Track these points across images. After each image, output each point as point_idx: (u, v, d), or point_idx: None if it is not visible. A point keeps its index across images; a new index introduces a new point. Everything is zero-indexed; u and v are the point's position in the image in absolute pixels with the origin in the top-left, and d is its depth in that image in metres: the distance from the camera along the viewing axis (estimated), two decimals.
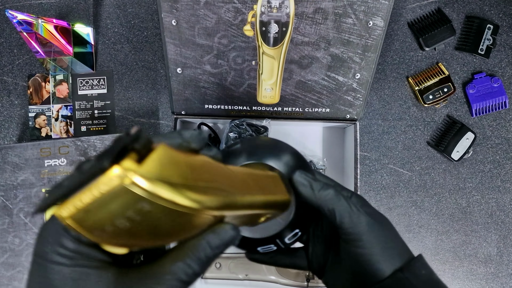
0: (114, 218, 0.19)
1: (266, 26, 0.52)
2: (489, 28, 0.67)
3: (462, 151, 0.66)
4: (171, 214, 0.20)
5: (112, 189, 0.18)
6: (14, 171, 0.60)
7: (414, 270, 0.31)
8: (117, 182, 0.18)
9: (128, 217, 0.19)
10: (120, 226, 0.20)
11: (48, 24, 0.62)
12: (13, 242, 0.60)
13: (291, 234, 0.34)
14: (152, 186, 0.18)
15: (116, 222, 0.20)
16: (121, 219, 0.19)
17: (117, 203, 0.19)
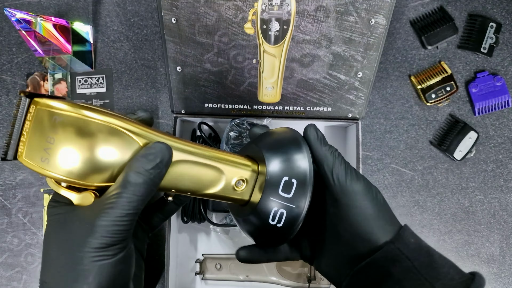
0: (45, 139, 0.27)
1: (267, 24, 0.52)
2: (492, 27, 0.66)
3: (465, 150, 0.66)
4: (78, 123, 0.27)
5: (37, 115, 0.27)
6: (13, 170, 0.59)
7: (404, 240, 0.31)
8: (35, 108, 0.27)
9: (51, 131, 0.27)
10: (53, 145, 0.27)
11: (47, 23, 0.62)
12: (12, 242, 0.59)
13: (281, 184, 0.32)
14: (55, 103, 0.27)
15: (48, 142, 0.27)
16: (49, 134, 0.27)
17: (42, 124, 0.27)
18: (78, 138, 0.27)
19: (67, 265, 0.27)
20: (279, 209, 0.32)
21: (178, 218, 0.64)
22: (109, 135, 0.27)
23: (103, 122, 0.27)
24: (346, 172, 0.32)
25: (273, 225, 0.32)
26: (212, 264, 0.64)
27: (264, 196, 0.32)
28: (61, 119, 0.27)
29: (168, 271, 0.57)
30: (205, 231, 0.66)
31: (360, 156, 0.59)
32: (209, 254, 0.65)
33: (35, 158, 0.27)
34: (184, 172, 0.31)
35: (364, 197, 0.31)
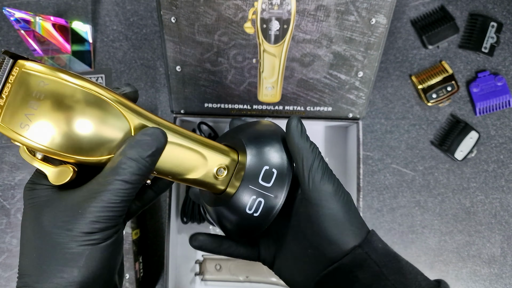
0: (27, 103, 0.25)
1: (267, 24, 0.52)
2: (493, 26, 0.66)
3: (466, 150, 0.65)
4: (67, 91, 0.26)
5: (20, 77, 0.26)
6: (12, 171, 0.59)
7: (372, 245, 0.30)
8: (19, 70, 0.26)
9: (35, 96, 0.25)
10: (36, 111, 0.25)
11: (46, 22, 0.61)
12: (11, 243, 0.59)
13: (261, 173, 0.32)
14: (42, 67, 0.26)
15: (30, 107, 0.25)
16: (32, 99, 0.25)
17: (26, 87, 0.26)
18: (65, 106, 0.26)
19: (53, 251, 0.26)
20: (257, 197, 0.32)
21: (177, 219, 0.63)
22: (98, 108, 0.27)
23: (95, 93, 0.26)
24: (323, 173, 0.31)
25: (249, 214, 0.32)
26: (211, 265, 0.64)
27: (243, 184, 0.32)
28: (48, 85, 0.26)
29: (168, 271, 0.57)
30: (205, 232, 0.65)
31: (360, 156, 0.59)
32: (209, 255, 0.64)
33: (13, 124, 0.25)
34: (167, 154, 0.30)
35: (336, 198, 0.31)
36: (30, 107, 0.25)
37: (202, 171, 0.32)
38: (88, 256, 0.26)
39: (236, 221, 0.33)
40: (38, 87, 0.26)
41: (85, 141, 0.26)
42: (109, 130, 0.27)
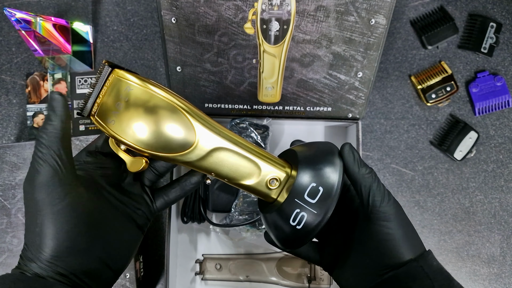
0: (115, 103, 0.31)
1: (267, 24, 0.52)
2: (492, 26, 0.66)
3: (465, 150, 0.66)
4: (146, 95, 0.31)
5: (113, 82, 0.32)
6: (12, 170, 0.59)
7: (427, 261, 0.33)
8: (113, 76, 0.32)
9: (122, 98, 0.31)
10: (120, 110, 0.31)
11: (46, 22, 0.61)
12: (11, 243, 0.59)
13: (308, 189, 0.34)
14: (130, 76, 0.32)
15: (116, 107, 0.31)
16: (119, 101, 0.31)
17: (116, 91, 0.31)
18: (142, 108, 0.31)
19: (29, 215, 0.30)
20: (301, 211, 0.34)
21: (178, 219, 0.63)
22: (170, 113, 0.32)
23: (168, 101, 0.32)
24: (382, 196, 0.34)
25: (292, 225, 0.34)
26: (212, 265, 0.64)
27: (290, 197, 0.34)
28: (131, 89, 0.31)
29: (168, 271, 0.57)
30: (205, 232, 0.66)
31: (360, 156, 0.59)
32: (209, 255, 0.64)
33: (105, 119, 0.32)
34: (225, 159, 0.34)
35: (395, 219, 0.34)
36: (117, 106, 0.31)
37: (255, 179, 0.35)
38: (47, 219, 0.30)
39: (281, 230, 0.35)
40: (125, 91, 0.31)
41: (156, 139, 0.32)
42: (177, 133, 0.32)
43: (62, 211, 0.30)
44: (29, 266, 0.30)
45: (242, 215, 0.60)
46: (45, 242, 0.29)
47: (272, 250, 0.64)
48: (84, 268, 0.31)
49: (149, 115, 0.31)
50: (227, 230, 0.64)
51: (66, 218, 0.30)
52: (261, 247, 0.64)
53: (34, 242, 0.30)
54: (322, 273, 0.63)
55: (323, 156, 0.35)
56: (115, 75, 0.32)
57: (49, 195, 0.30)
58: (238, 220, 0.59)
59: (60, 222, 0.30)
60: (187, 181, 0.39)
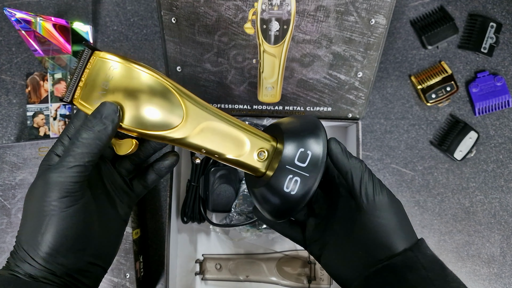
0: (100, 83, 0.31)
1: (267, 24, 0.52)
2: (492, 26, 0.66)
3: (465, 150, 0.66)
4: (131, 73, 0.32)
5: (96, 63, 0.32)
6: (12, 170, 0.59)
7: (421, 250, 0.33)
8: (95, 58, 0.32)
9: (106, 77, 0.31)
10: (107, 89, 0.31)
11: (46, 22, 0.61)
12: (11, 243, 0.59)
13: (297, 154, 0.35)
14: (112, 56, 0.32)
15: (102, 87, 0.31)
16: (104, 80, 0.31)
17: (99, 71, 0.32)
18: (129, 86, 0.31)
19: (33, 217, 0.30)
20: (294, 176, 0.34)
21: (178, 219, 0.63)
22: (156, 90, 0.32)
23: (154, 77, 0.32)
24: (374, 185, 0.34)
25: (287, 192, 0.34)
26: (212, 265, 0.64)
27: (281, 165, 0.35)
28: (115, 69, 0.31)
29: (168, 271, 0.57)
30: (205, 231, 0.66)
31: (360, 156, 0.59)
32: (209, 255, 0.64)
33: (89, 101, 0.32)
34: (213, 135, 0.35)
35: (388, 209, 0.33)
36: (103, 86, 0.32)
37: (244, 153, 0.36)
38: (54, 220, 0.30)
39: (275, 200, 0.36)
40: (109, 70, 0.31)
41: (144, 117, 0.32)
42: (165, 109, 0.32)
43: (71, 215, 0.30)
44: (21, 266, 0.29)
45: (242, 215, 0.60)
46: (45, 242, 0.29)
47: (272, 250, 0.64)
48: (78, 267, 0.31)
49: (136, 93, 0.32)
50: (227, 230, 0.64)
51: (73, 221, 0.30)
52: (261, 247, 0.64)
53: (32, 241, 0.30)
54: (322, 273, 0.63)
55: (306, 125, 0.37)
56: (97, 57, 0.32)
57: (64, 197, 0.30)
58: (238, 220, 0.59)
59: (65, 225, 0.30)
60: (161, 165, 0.39)
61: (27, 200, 0.31)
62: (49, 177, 0.30)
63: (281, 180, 0.34)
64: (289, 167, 0.34)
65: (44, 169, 0.31)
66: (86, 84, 0.32)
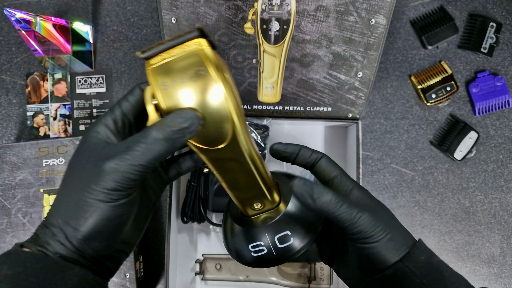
0: (181, 73, 0.28)
1: (267, 24, 0.52)
2: (492, 26, 0.66)
3: (465, 150, 0.65)
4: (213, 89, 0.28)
5: (191, 50, 0.28)
6: (12, 170, 0.59)
7: (413, 258, 0.32)
8: (196, 47, 0.29)
9: (188, 73, 0.28)
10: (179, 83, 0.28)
11: (46, 22, 0.61)
12: (11, 243, 0.59)
13: (281, 234, 0.35)
14: (214, 57, 0.29)
15: (181, 77, 0.28)
16: (185, 75, 0.28)
17: (187, 62, 0.28)
18: (201, 96, 0.28)
19: (79, 199, 0.29)
20: (263, 246, 0.35)
21: (178, 219, 0.63)
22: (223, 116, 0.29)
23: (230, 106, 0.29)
24: (351, 215, 0.32)
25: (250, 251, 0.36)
26: (212, 265, 0.64)
27: (263, 228, 0.36)
28: (203, 74, 0.28)
29: (168, 271, 0.57)
30: (205, 231, 0.65)
31: (360, 156, 0.59)
32: (209, 255, 0.64)
33: (160, 78, 0.28)
34: (236, 171, 0.33)
35: (374, 230, 0.32)
36: (179, 77, 0.28)
37: (246, 196, 0.36)
38: (97, 211, 0.28)
39: (237, 249, 0.37)
40: (196, 70, 0.28)
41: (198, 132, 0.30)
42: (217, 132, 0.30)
43: (118, 207, 0.29)
44: (53, 244, 0.28)
45: None
46: (86, 227, 0.28)
47: None
48: (107, 253, 0.30)
49: (203, 106, 0.28)
50: None
51: (116, 213, 0.29)
52: None
53: (73, 223, 0.28)
54: (322, 273, 0.63)
55: (310, 216, 0.36)
56: (199, 48, 0.28)
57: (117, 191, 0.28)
58: None
59: (110, 215, 0.29)
60: None
61: (70, 176, 0.30)
62: (106, 165, 0.28)
63: (252, 239, 0.36)
64: (267, 236, 0.35)
65: (96, 147, 0.30)
66: (170, 61, 0.29)
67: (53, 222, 0.29)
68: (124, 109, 0.32)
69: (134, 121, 0.33)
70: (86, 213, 0.28)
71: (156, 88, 0.28)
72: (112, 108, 0.32)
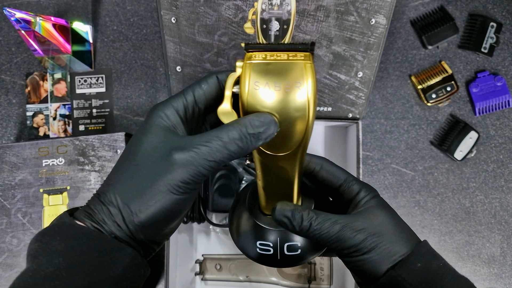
0: (277, 79, 0.27)
1: (267, 24, 0.52)
2: (492, 26, 0.66)
3: (466, 150, 0.65)
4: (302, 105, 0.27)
5: (296, 61, 0.27)
6: (12, 170, 0.59)
7: (408, 266, 0.31)
8: (302, 60, 0.27)
9: (285, 84, 0.27)
10: (273, 88, 0.27)
11: (46, 22, 0.61)
12: (11, 243, 0.59)
13: (292, 243, 0.36)
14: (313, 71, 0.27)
15: (276, 83, 0.27)
16: (281, 83, 0.27)
17: (289, 71, 0.27)
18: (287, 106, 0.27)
19: (145, 184, 0.28)
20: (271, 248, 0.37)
21: None
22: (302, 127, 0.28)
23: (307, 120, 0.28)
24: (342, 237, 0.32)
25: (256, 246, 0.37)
26: (212, 265, 0.64)
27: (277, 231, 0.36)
28: (299, 88, 0.27)
29: (168, 271, 0.57)
30: (205, 232, 0.65)
31: (360, 156, 0.59)
32: (209, 255, 0.64)
33: (254, 73, 0.27)
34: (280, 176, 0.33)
35: (366, 246, 0.32)
36: (274, 82, 0.27)
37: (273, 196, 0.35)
38: (163, 200, 0.27)
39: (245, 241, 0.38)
40: (294, 82, 0.27)
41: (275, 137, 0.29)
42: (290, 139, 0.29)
43: (183, 200, 0.28)
44: (108, 223, 0.28)
45: None
46: (147, 214, 0.28)
47: None
48: (156, 239, 0.30)
49: (285, 118, 0.28)
50: (227, 230, 0.64)
51: (179, 205, 0.29)
52: None
53: (134, 207, 0.28)
54: (322, 274, 0.63)
55: None
56: (306, 62, 0.27)
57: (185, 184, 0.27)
58: None
59: (172, 207, 0.28)
60: None
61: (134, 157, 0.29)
62: (179, 156, 0.27)
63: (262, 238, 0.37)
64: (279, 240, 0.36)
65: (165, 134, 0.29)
66: (273, 63, 0.28)
67: (111, 200, 0.28)
68: (196, 96, 0.31)
69: (203, 111, 0.32)
70: (151, 201, 0.27)
71: (247, 83, 0.27)
72: (184, 92, 0.31)
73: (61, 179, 0.59)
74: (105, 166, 0.59)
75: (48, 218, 0.60)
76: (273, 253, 0.36)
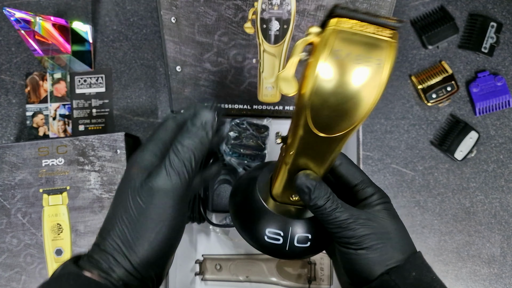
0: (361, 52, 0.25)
1: (267, 24, 0.52)
2: (493, 26, 0.66)
3: (466, 150, 0.65)
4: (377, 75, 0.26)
5: (384, 38, 0.25)
6: (12, 170, 0.59)
7: (402, 273, 0.31)
8: (389, 38, 0.26)
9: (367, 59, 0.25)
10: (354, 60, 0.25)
11: (46, 22, 0.61)
12: (11, 243, 0.59)
13: (303, 234, 0.35)
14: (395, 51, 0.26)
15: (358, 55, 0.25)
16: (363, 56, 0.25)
17: (374, 45, 0.25)
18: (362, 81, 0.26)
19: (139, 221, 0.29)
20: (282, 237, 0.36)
21: None
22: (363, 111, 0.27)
23: None
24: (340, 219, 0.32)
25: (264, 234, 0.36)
26: (212, 265, 0.64)
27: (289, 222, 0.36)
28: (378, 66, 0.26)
29: (168, 271, 0.57)
30: (205, 232, 0.65)
31: (360, 156, 0.59)
32: (209, 255, 0.64)
33: (337, 41, 0.25)
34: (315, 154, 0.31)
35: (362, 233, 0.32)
36: (357, 54, 0.25)
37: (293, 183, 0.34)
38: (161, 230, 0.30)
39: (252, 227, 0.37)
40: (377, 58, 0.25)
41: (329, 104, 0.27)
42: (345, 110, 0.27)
43: (178, 225, 0.30)
44: (116, 271, 0.28)
45: None
46: (150, 249, 0.29)
47: None
48: (156, 273, 0.31)
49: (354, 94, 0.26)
50: (227, 230, 0.64)
51: (177, 229, 0.30)
52: None
53: (136, 247, 0.29)
54: (322, 274, 0.63)
55: None
56: (392, 41, 0.26)
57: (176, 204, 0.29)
58: None
59: (171, 234, 0.29)
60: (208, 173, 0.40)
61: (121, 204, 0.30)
62: (159, 184, 0.29)
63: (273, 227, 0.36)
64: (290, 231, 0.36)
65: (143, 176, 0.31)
66: (361, 34, 0.26)
67: (114, 247, 0.29)
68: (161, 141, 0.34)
69: None
70: (151, 236, 0.29)
71: (327, 50, 0.25)
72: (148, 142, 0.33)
73: (61, 179, 0.59)
74: (105, 166, 0.59)
75: (48, 218, 0.59)
76: (282, 243, 0.35)
